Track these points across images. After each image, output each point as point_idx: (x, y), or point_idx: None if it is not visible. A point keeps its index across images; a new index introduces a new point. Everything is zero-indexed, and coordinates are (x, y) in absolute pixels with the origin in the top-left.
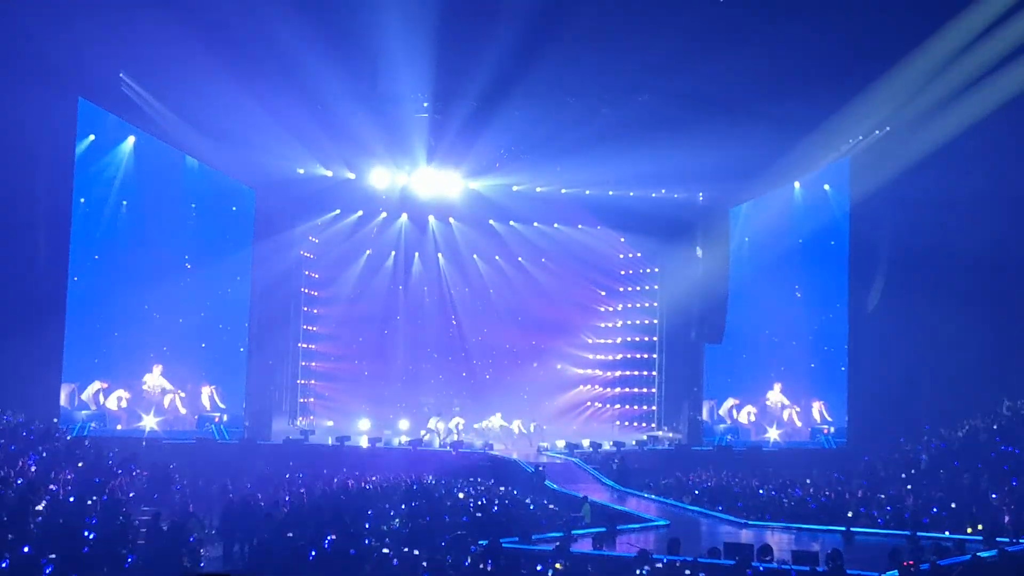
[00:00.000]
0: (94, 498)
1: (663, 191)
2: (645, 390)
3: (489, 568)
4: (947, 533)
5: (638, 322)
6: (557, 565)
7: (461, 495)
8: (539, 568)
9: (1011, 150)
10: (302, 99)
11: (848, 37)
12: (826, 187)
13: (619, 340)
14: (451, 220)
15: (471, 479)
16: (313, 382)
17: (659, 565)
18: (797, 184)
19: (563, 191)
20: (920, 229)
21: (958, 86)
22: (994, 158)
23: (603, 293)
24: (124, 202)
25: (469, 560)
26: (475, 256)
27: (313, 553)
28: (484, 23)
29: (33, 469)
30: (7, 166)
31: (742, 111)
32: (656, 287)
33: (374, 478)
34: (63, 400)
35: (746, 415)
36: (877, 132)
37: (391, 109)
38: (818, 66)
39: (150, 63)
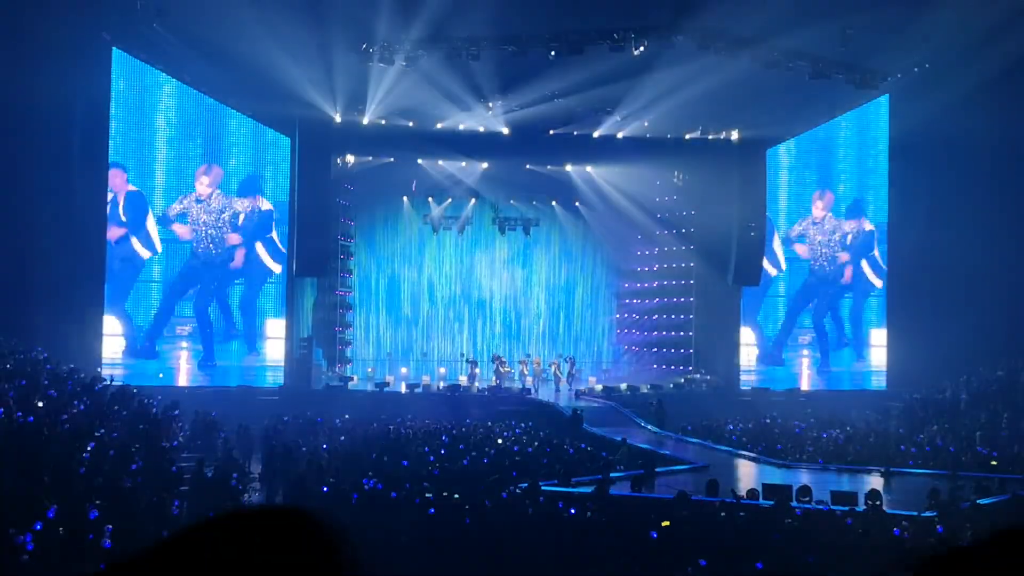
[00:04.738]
0: (137, 446)
1: (698, 131)
2: (682, 333)
3: (529, 511)
4: (987, 473)
5: (674, 265)
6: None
7: (500, 439)
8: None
9: None
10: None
11: None
12: None
13: (655, 283)
14: (484, 165)
15: (510, 423)
16: (351, 329)
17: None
18: None
19: (596, 134)
20: (960, 162)
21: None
22: None
23: (639, 236)
24: None
25: (509, 503)
26: (512, 201)
27: (355, 496)
28: None
29: (75, 414)
30: (43, 117)
31: (777, 50)
32: (692, 229)
33: (412, 422)
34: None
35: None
36: (916, 70)
37: (430, 52)
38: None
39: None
